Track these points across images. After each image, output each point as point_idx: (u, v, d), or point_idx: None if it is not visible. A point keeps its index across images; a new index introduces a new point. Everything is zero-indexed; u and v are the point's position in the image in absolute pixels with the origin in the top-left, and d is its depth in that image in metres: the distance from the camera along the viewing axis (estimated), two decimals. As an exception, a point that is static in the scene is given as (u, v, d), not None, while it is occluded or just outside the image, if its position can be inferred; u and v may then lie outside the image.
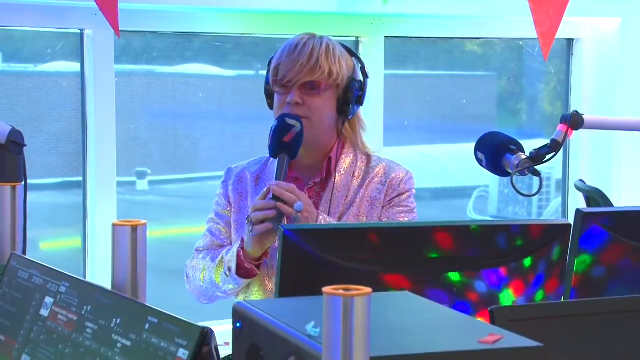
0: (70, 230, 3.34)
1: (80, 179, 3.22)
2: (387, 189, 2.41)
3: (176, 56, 3.58)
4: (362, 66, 2.48)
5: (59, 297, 1.54)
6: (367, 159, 2.47)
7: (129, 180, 3.66)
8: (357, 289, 1.01)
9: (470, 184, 5.14)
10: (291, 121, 2.32)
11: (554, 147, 2.16)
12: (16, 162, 2.01)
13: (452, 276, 1.70)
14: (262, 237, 2.27)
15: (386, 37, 3.58)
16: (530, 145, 2.18)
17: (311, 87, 2.37)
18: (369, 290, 1.02)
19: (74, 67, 3.19)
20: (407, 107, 4.17)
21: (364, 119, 2.53)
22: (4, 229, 1.91)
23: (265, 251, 2.32)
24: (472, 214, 5.21)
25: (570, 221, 1.81)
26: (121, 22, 2.80)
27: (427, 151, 4.77)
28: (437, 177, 4.86)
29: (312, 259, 1.64)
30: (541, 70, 4.21)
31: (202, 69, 3.68)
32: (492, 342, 1.13)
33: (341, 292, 1.01)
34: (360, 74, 2.45)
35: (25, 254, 1.89)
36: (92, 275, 3.15)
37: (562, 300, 1.79)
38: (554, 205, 4.83)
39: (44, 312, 1.56)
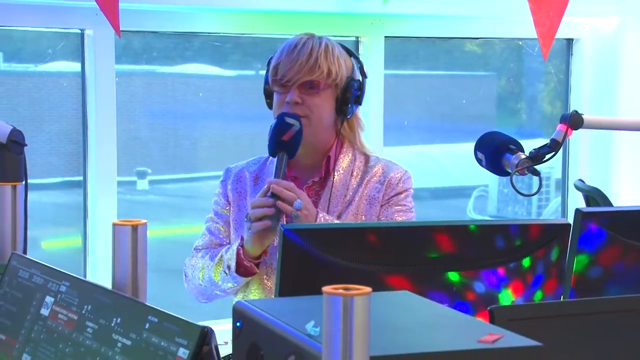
0: (70, 229, 3.34)
1: (80, 178, 3.22)
2: (385, 188, 2.42)
3: (176, 56, 3.58)
4: (361, 66, 2.48)
5: (59, 296, 1.54)
6: (366, 159, 2.47)
7: (129, 179, 3.66)
8: (357, 289, 1.02)
9: (469, 183, 5.13)
10: (290, 120, 2.32)
11: (554, 146, 2.16)
12: (17, 161, 2.01)
13: (452, 276, 1.70)
14: (261, 235, 2.27)
15: (386, 37, 3.58)
16: (529, 145, 2.18)
17: (310, 87, 2.38)
18: (369, 289, 1.02)
19: (75, 67, 3.19)
20: (407, 107, 4.17)
21: (362, 119, 2.53)
22: (5, 228, 1.91)
23: (264, 249, 2.32)
24: (471, 213, 5.20)
25: (569, 221, 1.81)
26: (121, 22, 2.80)
27: (426, 151, 4.76)
28: (436, 177, 4.86)
29: (312, 259, 1.64)
30: (541, 70, 4.21)
31: (202, 69, 3.68)
32: (492, 342, 1.14)
33: (341, 291, 1.01)
34: (358, 74, 2.46)
35: (25, 254, 1.89)
36: (93, 274, 3.15)
37: (562, 299, 1.79)
38: (554, 204, 4.82)
39: (45, 312, 1.56)
